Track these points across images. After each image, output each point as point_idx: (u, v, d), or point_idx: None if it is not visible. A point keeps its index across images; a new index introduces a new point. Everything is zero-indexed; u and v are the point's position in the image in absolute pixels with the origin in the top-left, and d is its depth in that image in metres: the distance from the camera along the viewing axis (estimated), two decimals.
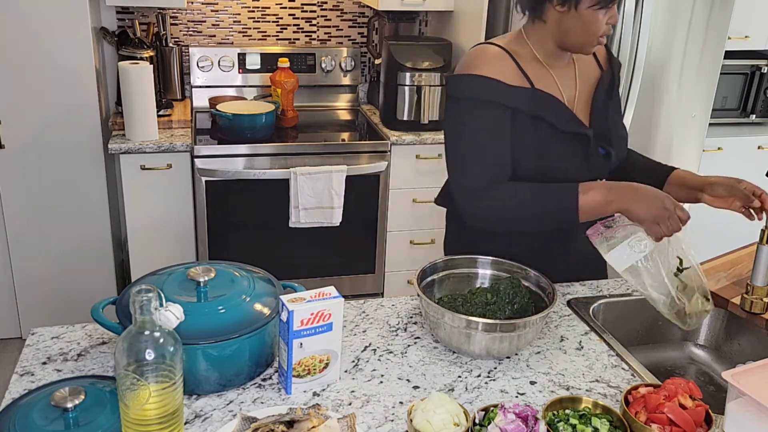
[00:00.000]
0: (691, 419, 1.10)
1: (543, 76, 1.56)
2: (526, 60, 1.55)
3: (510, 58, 1.54)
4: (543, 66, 1.56)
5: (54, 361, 1.30)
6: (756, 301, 1.49)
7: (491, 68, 1.51)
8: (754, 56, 3.40)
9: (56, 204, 2.86)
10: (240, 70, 3.28)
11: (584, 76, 1.62)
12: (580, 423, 1.12)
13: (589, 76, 1.63)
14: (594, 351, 1.42)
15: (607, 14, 1.46)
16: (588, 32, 1.48)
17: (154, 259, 2.82)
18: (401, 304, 1.57)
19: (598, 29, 1.47)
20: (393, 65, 3.03)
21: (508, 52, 1.54)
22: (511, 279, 1.46)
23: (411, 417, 1.10)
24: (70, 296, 2.98)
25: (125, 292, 1.28)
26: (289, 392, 1.23)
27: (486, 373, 1.33)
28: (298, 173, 2.83)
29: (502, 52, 1.54)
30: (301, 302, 1.18)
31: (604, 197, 1.44)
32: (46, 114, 2.74)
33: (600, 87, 1.62)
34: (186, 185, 2.85)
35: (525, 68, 1.54)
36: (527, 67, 1.54)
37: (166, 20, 3.10)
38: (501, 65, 1.52)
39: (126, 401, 1.01)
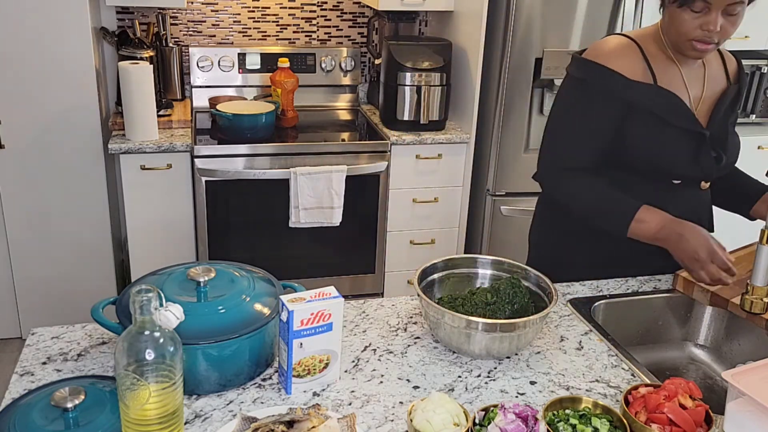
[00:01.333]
0: (691, 419, 1.10)
1: (670, 72, 1.58)
2: (656, 55, 1.58)
3: (639, 51, 1.57)
4: (673, 63, 1.58)
5: (54, 361, 1.30)
6: (756, 301, 1.48)
7: (618, 61, 1.55)
8: (754, 56, 3.40)
9: (56, 204, 2.86)
10: (240, 70, 3.28)
11: (712, 81, 1.64)
12: (580, 423, 1.12)
13: (717, 83, 1.65)
14: (594, 351, 1.42)
15: (699, 19, 1.44)
16: (677, 32, 1.49)
17: (154, 259, 2.82)
18: (401, 304, 1.57)
19: (687, 31, 1.47)
20: (393, 65, 3.03)
21: (639, 45, 1.57)
22: (511, 279, 1.46)
23: (411, 417, 1.09)
24: (70, 296, 2.98)
25: (125, 292, 1.28)
26: (289, 392, 1.23)
27: (486, 373, 1.33)
28: (298, 173, 2.83)
29: (632, 44, 1.57)
30: (301, 302, 1.18)
31: (653, 234, 1.52)
32: (46, 114, 2.74)
33: (725, 97, 1.64)
34: (186, 185, 2.85)
35: (652, 63, 1.56)
36: (655, 62, 1.57)
37: (166, 20, 3.10)
38: (628, 58, 1.55)
39: (126, 401, 1.01)
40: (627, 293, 1.65)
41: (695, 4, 1.43)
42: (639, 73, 1.55)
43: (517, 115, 2.99)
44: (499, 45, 2.92)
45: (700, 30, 1.45)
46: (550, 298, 1.41)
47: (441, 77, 3.03)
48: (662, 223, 1.51)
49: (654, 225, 1.51)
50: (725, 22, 1.46)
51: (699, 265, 1.46)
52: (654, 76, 1.56)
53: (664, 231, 1.50)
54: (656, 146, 1.58)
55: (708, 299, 1.59)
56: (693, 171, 1.61)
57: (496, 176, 3.08)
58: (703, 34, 1.46)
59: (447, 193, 3.17)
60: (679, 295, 1.64)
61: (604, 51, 1.57)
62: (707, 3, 1.42)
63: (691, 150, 1.59)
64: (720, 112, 1.63)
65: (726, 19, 1.46)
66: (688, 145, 1.59)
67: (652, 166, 1.59)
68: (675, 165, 1.60)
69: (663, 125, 1.57)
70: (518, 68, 2.92)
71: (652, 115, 1.56)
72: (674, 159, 1.59)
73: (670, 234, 1.49)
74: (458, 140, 3.06)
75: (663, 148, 1.58)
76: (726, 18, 1.45)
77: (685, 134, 1.58)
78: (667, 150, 1.58)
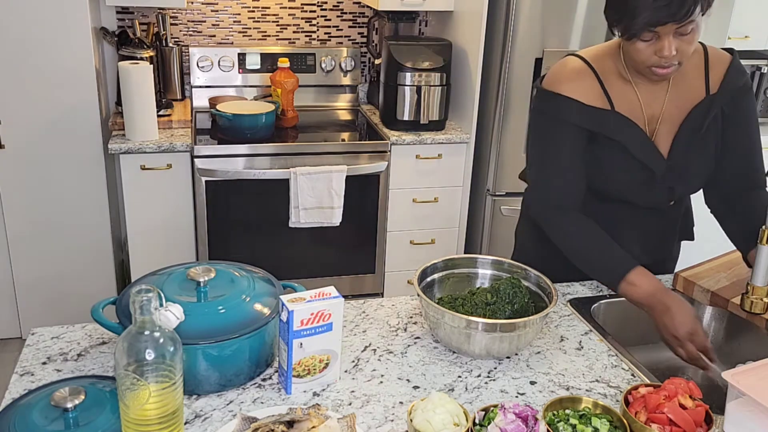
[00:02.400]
0: (691, 419, 1.10)
1: (626, 94, 1.53)
2: (611, 76, 1.53)
3: (593, 75, 1.52)
4: (628, 83, 1.53)
5: (54, 361, 1.30)
6: (756, 301, 1.48)
7: (572, 87, 1.51)
8: (755, 56, 3.40)
9: (56, 204, 2.86)
10: (240, 70, 3.28)
11: (681, 95, 1.55)
12: (580, 423, 1.12)
13: (687, 97, 1.55)
14: (594, 351, 1.42)
15: (652, 46, 1.39)
16: (634, 61, 1.45)
17: (154, 259, 2.82)
18: (401, 304, 1.57)
19: (643, 60, 1.42)
20: (393, 65, 3.03)
21: (592, 68, 1.53)
22: (511, 279, 1.46)
23: (411, 417, 1.09)
24: (70, 296, 2.98)
25: (125, 292, 1.28)
26: (289, 392, 1.23)
27: (486, 373, 1.33)
28: (298, 173, 2.83)
29: (585, 68, 1.53)
30: (301, 302, 1.18)
31: (640, 299, 1.47)
32: (46, 114, 2.74)
33: (695, 112, 1.54)
34: (186, 185, 2.85)
35: (608, 87, 1.52)
36: (610, 85, 1.52)
37: (166, 20, 3.10)
38: (583, 84, 1.52)
39: (126, 401, 1.01)
40: None
41: (644, 35, 1.38)
42: (595, 97, 1.51)
43: (517, 115, 2.98)
44: (499, 45, 2.92)
45: (655, 57, 1.40)
46: (550, 298, 1.41)
47: (441, 77, 3.03)
48: (652, 292, 1.46)
49: (643, 291, 1.46)
50: (680, 43, 1.39)
51: (678, 343, 1.42)
52: (611, 100, 1.52)
53: (652, 299, 1.45)
54: (616, 175, 1.56)
55: (708, 299, 1.59)
56: (644, 200, 1.58)
57: (496, 176, 3.08)
58: (659, 60, 1.40)
59: (447, 193, 3.17)
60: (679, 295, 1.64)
61: (558, 78, 1.54)
62: (655, 32, 1.37)
63: (643, 180, 1.55)
64: (685, 132, 1.54)
65: (680, 39, 1.39)
66: (644, 175, 1.55)
67: (611, 194, 1.58)
68: (631, 194, 1.57)
69: (623, 154, 1.53)
70: (518, 68, 2.92)
71: (614, 144, 1.53)
72: (630, 189, 1.56)
73: (657, 304, 1.44)
74: (458, 140, 3.06)
75: (622, 177, 1.55)
76: (680, 39, 1.38)
77: (640, 166, 1.54)
78: (620, 177, 1.55)
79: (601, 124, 1.51)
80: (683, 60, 1.42)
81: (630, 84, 1.53)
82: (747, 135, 1.60)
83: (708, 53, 1.57)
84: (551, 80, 1.55)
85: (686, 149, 1.55)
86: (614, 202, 1.60)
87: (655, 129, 1.55)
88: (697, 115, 1.54)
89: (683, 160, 1.55)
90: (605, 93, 1.52)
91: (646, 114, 1.54)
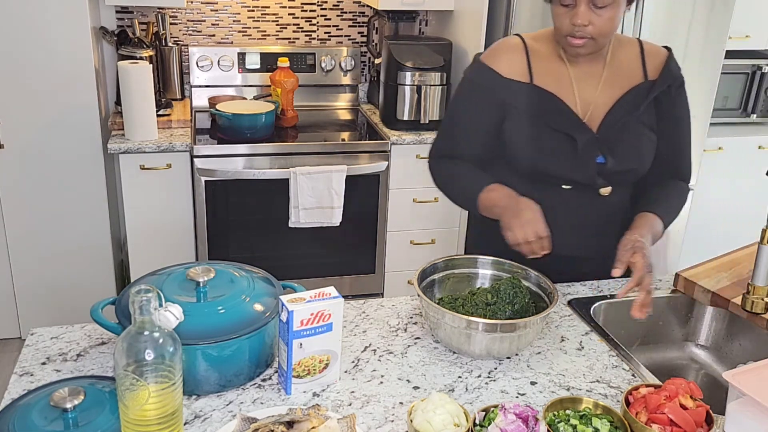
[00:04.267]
0: (692, 419, 1.10)
1: (556, 73, 1.56)
2: (543, 57, 1.57)
3: (523, 52, 1.58)
4: (563, 63, 1.57)
5: (53, 361, 1.30)
6: (757, 300, 1.48)
7: (497, 59, 1.58)
8: (755, 56, 3.40)
9: (56, 204, 2.86)
10: (240, 69, 3.28)
11: (617, 80, 1.57)
12: (580, 423, 1.12)
13: (625, 80, 1.57)
14: (594, 351, 1.42)
15: (569, 13, 1.45)
16: (556, 29, 1.51)
17: (153, 259, 2.81)
18: (401, 304, 1.57)
19: (560, 27, 1.48)
20: (393, 65, 3.03)
21: (526, 45, 1.58)
22: (511, 279, 1.45)
23: (411, 417, 1.09)
24: (70, 296, 2.98)
25: (125, 292, 1.28)
26: (289, 393, 1.23)
27: (486, 373, 1.33)
28: (297, 173, 2.83)
29: (519, 44, 1.59)
30: (301, 302, 1.18)
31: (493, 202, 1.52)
32: (46, 114, 2.74)
33: (633, 93, 1.56)
34: (185, 185, 2.84)
35: (534, 64, 1.57)
36: (538, 63, 1.57)
37: (165, 20, 3.10)
38: (509, 57, 1.58)
39: (125, 401, 1.01)
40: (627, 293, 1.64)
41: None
42: (517, 71, 1.56)
43: None
44: None
45: (571, 24, 1.45)
46: (550, 299, 1.41)
47: (441, 77, 3.03)
48: (507, 194, 1.51)
49: (500, 193, 1.51)
50: (594, 16, 1.43)
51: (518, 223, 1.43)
52: (531, 75, 1.56)
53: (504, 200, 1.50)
54: (532, 148, 1.55)
55: (709, 299, 1.59)
56: (574, 175, 1.55)
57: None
58: (574, 28, 1.45)
59: None
60: (679, 295, 1.64)
61: (490, 51, 1.61)
62: None
63: (569, 152, 1.54)
64: (619, 110, 1.55)
65: (595, 12, 1.43)
66: (566, 147, 1.54)
67: (532, 168, 1.57)
68: (554, 168, 1.55)
69: (540, 126, 1.55)
70: None
71: (529, 116, 1.55)
72: (552, 162, 1.55)
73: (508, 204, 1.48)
74: None
75: (540, 150, 1.55)
76: (595, 11, 1.43)
77: (563, 137, 1.54)
78: (544, 152, 1.55)
79: (514, 96, 1.55)
80: (597, 36, 1.46)
81: (564, 64, 1.57)
82: (679, 129, 1.63)
83: (643, 45, 1.62)
84: (486, 53, 1.63)
85: (620, 127, 1.55)
86: (546, 184, 1.57)
87: (589, 110, 1.56)
88: (634, 95, 1.56)
89: (615, 136, 1.55)
90: (529, 69, 1.56)
91: (578, 94, 1.56)
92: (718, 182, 3.35)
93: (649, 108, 1.58)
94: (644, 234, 1.48)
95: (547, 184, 1.57)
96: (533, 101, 1.55)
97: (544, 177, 1.57)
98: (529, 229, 1.42)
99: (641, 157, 1.58)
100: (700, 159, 3.11)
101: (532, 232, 1.42)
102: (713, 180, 3.32)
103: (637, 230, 1.49)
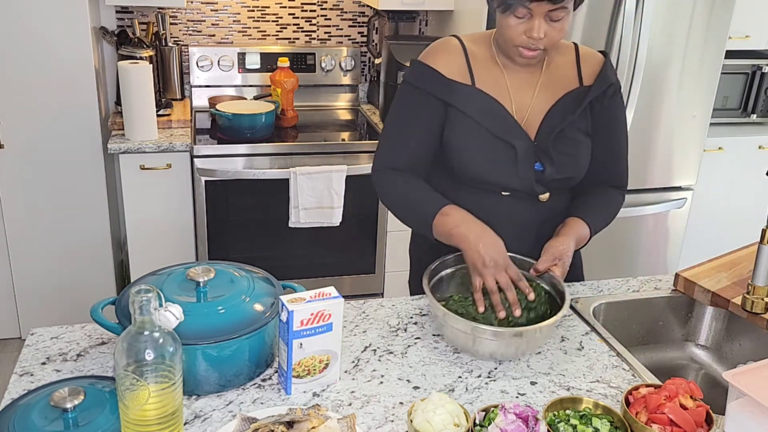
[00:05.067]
0: (692, 419, 1.10)
1: (493, 78, 1.52)
2: (481, 60, 1.53)
3: (462, 54, 1.53)
4: (499, 69, 1.53)
5: (53, 361, 1.30)
6: (757, 301, 1.48)
7: (437, 59, 1.52)
8: (755, 56, 3.40)
9: (56, 204, 2.86)
10: (240, 69, 3.28)
11: (553, 85, 1.54)
12: (580, 423, 1.12)
13: (560, 86, 1.54)
14: (594, 351, 1.42)
15: (523, 25, 1.40)
16: (504, 38, 1.46)
17: (153, 259, 2.81)
18: (401, 305, 1.56)
19: (512, 37, 1.42)
20: (393, 65, 3.03)
21: (464, 48, 1.53)
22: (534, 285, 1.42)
23: (411, 417, 1.09)
24: (70, 296, 2.97)
25: (125, 292, 1.28)
26: (289, 393, 1.23)
27: (486, 373, 1.33)
28: (297, 173, 2.83)
29: (458, 46, 1.54)
30: (301, 302, 1.18)
31: (450, 229, 1.44)
32: (46, 114, 2.74)
33: (568, 98, 1.53)
34: (185, 185, 2.84)
35: (474, 67, 1.52)
36: (477, 66, 1.52)
37: (165, 20, 3.10)
38: (448, 58, 1.52)
39: (125, 401, 1.01)
40: (627, 293, 1.65)
41: (518, 10, 1.38)
42: (457, 72, 1.51)
43: None
44: None
45: (524, 36, 1.40)
46: (561, 298, 1.39)
47: None
48: (464, 219, 1.44)
49: (455, 219, 1.44)
50: (549, 28, 1.39)
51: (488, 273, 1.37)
52: (473, 77, 1.51)
53: (462, 228, 1.42)
54: (471, 153, 1.51)
55: (709, 299, 1.59)
56: (512, 182, 1.51)
57: None
58: (528, 40, 1.40)
59: None
60: (679, 295, 1.64)
61: (430, 51, 1.55)
62: (529, 9, 1.37)
63: (509, 160, 1.50)
64: (554, 117, 1.52)
65: (550, 25, 1.39)
66: (505, 155, 1.50)
67: (471, 175, 1.52)
68: (494, 176, 1.51)
69: (479, 131, 1.50)
70: None
71: (469, 120, 1.50)
72: (493, 170, 1.51)
73: (468, 233, 1.41)
74: None
75: (478, 155, 1.51)
76: (550, 24, 1.39)
77: (502, 143, 1.50)
78: (485, 160, 1.51)
79: (458, 98, 1.50)
80: (549, 47, 1.44)
81: (500, 69, 1.53)
82: (615, 136, 1.60)
83: (579, 50, 1.59)
84: (424, 53, 1.56)
85: (557, 134, 1.52)
86: (485, 191, 1.55)
87: (525, 116, 1.53)
88: (570, 100, 1.53)
89: (552, 142, 1.52)
90: (470, 71, 1.52)
91: (514, 100, 1.52)
92: (718, 182, 3.35)
93: (585, 114, 1.55)
94: (568, 242, 1.49)
95: (485, 192, 1.54)
96: (476, 104, 1.50)
97: (482, 184, 1.53)
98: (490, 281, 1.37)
99: (578, 164, 1.56)
100: (700, 159, 3.11)
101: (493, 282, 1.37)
102: (713, 180, 3.32)
103: (563, 237, 1.49)
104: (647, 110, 2.89)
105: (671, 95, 2.90)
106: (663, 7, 2.73)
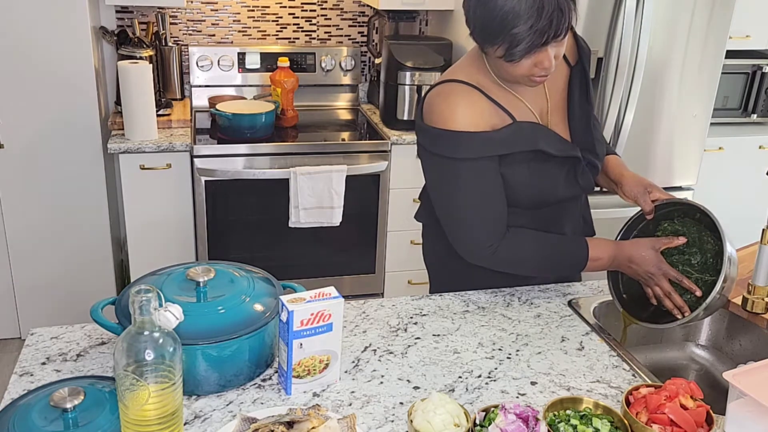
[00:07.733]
0: (692, 420, 1.10)
1: (513, 101, 1.47)
2: (493, 91, 1.46)
3: (479, 94, 1.44)
4: (507, 91, 1.47)
5: (53, 361, 1.29)
6: (757, 300, 1.48)
7: (469, 116, 1.41)
8: (756, 56, 3.40)
9: (56, 204, 2.86)
10: (240, 69, 3.28)
11: (554, 82, 1.52)
12: (581, 423, 1.12)
13: (559, 79, 1.53)
14: (595, 351, 1.42)
15: (531, 59, 1.33)
16: (511, 74, 1.39)
17: (153, 259, 2.81)
18: (401, 305, 1.56)
19: (522, 73, 1.37)
20: (393, 65, 3.03)
21: (476, 87, 1.45)
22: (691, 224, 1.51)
23: (411, 417, 1.09)
24: (70, 296, 2.97)
25: (124, 292, 1.28)
26: (289, 393, 1.23)
27: (486, 373, 1.33)
28: (297, 173, 2.83)
29: (468, 89, 1.44)
30: (301, 302, 1.18)
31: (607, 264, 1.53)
32: (46, 114, 2.74)
33: (572, 89, 1.53)
34: (185, 185, 2.84)
35: (497, 99, 1.45)
36: (498, 97, 1.45)
37: (165, 19, 3.09)
38: (474, 109, 1.42)
39: (125, 402, 1.01)
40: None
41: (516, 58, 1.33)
42: (494, 115, 1.44)
43: None
44: None
45: (536, 68, 1.35)
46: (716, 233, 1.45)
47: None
48: (612, 255, 1.51)
49: (606, 260, 1.52)
50: (557, 49, 1.35)
51: (654, 281, 1.48)
52: (507, 111, 1.45)
53: (615, 262, 1.51)
54: (537, 179, 1.49)
55: None
56: (573, 191, 1.55)
57: None
58: (540, 70, 1.35)
59: None
60: None
61: (448, 113, 1.42)
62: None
63: (570, 173, 1.51)
64: (575, 111, 1.52)
65: (557, 46, 1.34)
66: (566, 169, 1.51)
67: (533, 197, 1.51)
68: (556, 192, 1.52)
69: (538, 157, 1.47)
70: None
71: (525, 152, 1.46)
72: (555, 186, 1.51)
73: (621, 263, 1.50)
74: None
75: (543, 180, 1.49)
76: (557, 46, 1.34)
77: (561, 161, 1.49)
78: (547, 180, 1.50)
79: (511, 144, 1.44)
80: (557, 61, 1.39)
81: (509, 91, 1.47)
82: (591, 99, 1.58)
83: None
84: (440, 118, 1.43)
85: (584, 127, 1.54)
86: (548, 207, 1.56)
87: (547, 122, 1.52)
88: (573, 88, 1.54)
89: (587, 137, 1.53)
90: (501, 108, 1.45)
91: (536, 113, 1.50)
92: (718, 182, 3.35)
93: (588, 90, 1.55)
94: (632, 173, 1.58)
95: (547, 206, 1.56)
96: (526, 139, 1.45)
97: (544, 204, 1.54)
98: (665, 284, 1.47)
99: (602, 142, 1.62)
100: (701, 159, 3.11)
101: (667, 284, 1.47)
102: (713, 180, 3.32)
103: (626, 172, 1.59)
104: (647, 110, 2.88)
105: (671, 95, 2.90)
106: (663, 7, 2.73)
